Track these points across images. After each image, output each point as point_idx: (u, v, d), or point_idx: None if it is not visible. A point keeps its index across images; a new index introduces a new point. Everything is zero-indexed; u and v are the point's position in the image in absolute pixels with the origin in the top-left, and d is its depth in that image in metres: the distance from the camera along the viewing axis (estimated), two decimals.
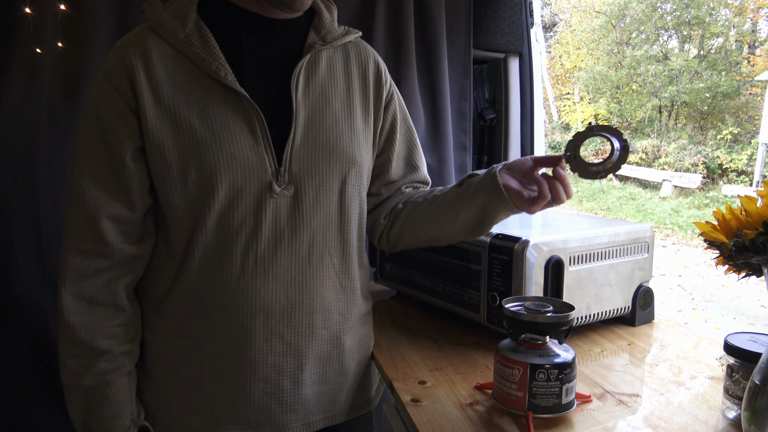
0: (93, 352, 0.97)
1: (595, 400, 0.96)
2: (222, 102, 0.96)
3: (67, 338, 0.98)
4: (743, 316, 5.36)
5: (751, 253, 0.69)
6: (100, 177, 0.95)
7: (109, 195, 0.95)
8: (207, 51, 0.96)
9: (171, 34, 0.96)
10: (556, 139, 13.74)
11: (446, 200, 1.07)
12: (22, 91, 1.40)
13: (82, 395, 0.98)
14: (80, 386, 0.98)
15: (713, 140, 11.97)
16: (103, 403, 0.98)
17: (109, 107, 0.95)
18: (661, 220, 9.26)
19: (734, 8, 13.03)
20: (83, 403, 0.98)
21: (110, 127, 0.95)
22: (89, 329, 0.97)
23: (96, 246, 0.96)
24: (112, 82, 0.95)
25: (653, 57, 13.30)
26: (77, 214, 0.96)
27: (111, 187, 0.95)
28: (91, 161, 0.96)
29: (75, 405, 0.99)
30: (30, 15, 1.38)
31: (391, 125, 1.16)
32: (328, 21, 1.08)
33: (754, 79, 11.99)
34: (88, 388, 0.97)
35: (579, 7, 15.88)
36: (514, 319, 0.92)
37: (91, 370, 0.97)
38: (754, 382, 0.72)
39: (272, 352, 1.00)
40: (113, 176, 0.95)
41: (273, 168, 0.98)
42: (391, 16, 1.83)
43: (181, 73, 0.96)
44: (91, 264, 0.96)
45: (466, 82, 1.99)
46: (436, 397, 0.98)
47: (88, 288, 0.97)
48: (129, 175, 0.95)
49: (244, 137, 0.96)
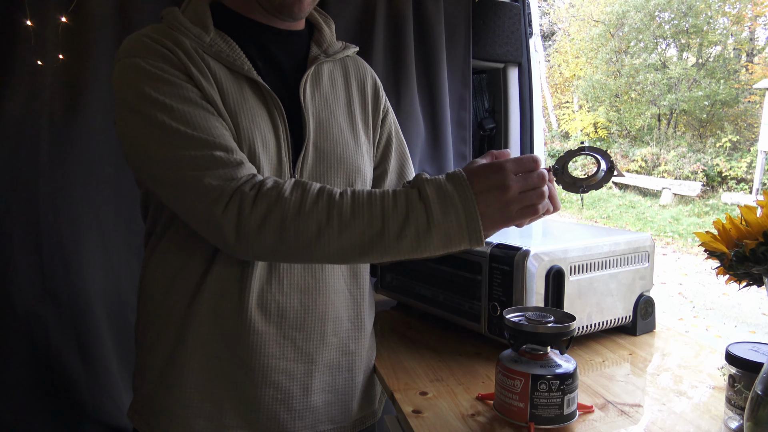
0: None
1: (597, 410, 0.95)
2: (253, 98, 0.97)
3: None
4: (744, 324, 5.35)
5: (751, 263, 0.69)
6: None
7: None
8: (234, 53, 0.97)
9: (197, 37, 0.96)
10: (556, 148, 13.76)
11: None
12: (24, 102, 1.41)
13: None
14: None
15: (712, 148, 11.99)
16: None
17: (160, 70, 0.90)
18: (661, 228, 9.26)
19: (732, 17, 13.10)
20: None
21: (171, 77, 0.90)
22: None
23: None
24: (153, 55, 0.91)
25: (652, 65, 13.35)
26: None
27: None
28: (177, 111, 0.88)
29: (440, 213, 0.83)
30: (31, 27, 1.39)
31: (387, 139, 1.18)
32: (328, 35, 1.11)
33: (752, 87, 12.02)
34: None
35: (577, 17, 15.96)
36: (515, 329, 0.92)
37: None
38: (757, 392, 0.72)
39: (284, 357, 1.00)
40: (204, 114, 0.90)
41: (288, 174, 0.99)
42: (391, 27, 1.84)
43: (213, 71, 0.95)
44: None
45: (466, 92, 2.00)
46: (438, 408, 0.98)
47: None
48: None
49: (271, 138, 0.97)
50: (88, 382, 1.51)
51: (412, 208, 0.82)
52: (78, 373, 1.50)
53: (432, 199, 0.82)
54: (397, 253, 0.84)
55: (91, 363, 1.52)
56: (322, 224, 0.83)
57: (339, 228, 0.83)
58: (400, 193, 0.84)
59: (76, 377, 1.49)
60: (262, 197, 0.83)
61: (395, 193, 0.84)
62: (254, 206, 0.83)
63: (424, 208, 0.82)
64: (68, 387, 1.49)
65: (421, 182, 0.84)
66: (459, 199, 0.81)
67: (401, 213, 0.82)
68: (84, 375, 1.51)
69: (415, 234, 0.82)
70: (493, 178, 0.82)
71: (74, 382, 1.49)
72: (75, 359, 1.49)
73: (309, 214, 0.83)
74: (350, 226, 0.83)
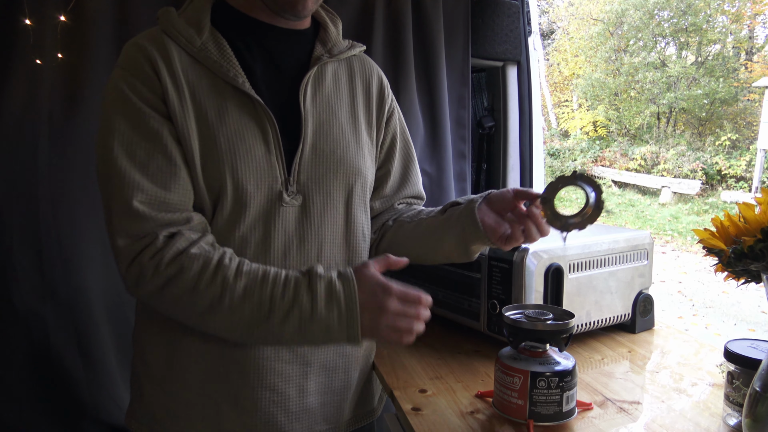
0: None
1: (596, 407, 0.96)
2: (237, 108, 0.96)
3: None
4: (744, 322, 5.35)
5: (749, 260, 0.69)
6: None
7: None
8: (223, 58, 0.97)
9: (188, 41, 0.96)
10: (555, 146, 13.76)
11: (430, 226, 1.06)
12: (23, 101, 1.40)
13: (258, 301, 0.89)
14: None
15: (712, 146, 11.99)
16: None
17: (140, 97, 0.92)
18: (660, 227, 9.26)
19: (731, 15, 13.09)
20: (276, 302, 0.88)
21: (148, 112, 0.92)
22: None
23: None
24: (136, 74, 0.93)
25: (651, 64, 13.34)
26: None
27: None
28: (129, 145, 0.92)
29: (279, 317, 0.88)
30: (30, 26, 1.39)
31: (391, 140, 1.17)
32: (333, 34, 1.10)
33: (751, 86, 12.02)
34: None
35: (576, 15, 15.95)
36: (514, 327, 0.92)
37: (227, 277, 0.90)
38: (755, 389, 0.72)
39: (279, 359, 1.00)
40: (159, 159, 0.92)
41: (283, 177, 0.98)
42: (390, 26, 1.84)
43: (198, 78, 0.96)
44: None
45: (465, 90, 2.00)
46: (437, 406, 0.98)
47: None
48: (181, 157, 0.93)
49: (258, 144, 0.96)
50: (87, 382, 1.51)
51: (298, 298, 0.87)
52: (78, 373, 1.50)
53: (319, 294, 0.87)
54: (281, 336, 0.89)
55: (90, 362, 1.52)
56: (215, 302, 0.88)
57: (230, 307, 0.88)
58: (290, 280, 0.88)
59: (76, 376, 1.49)
60: (161, 270, 0.88)
61: (286, 280, 0.89)
62: (152, 277, 0.88)
63: (310, 300, 0.87)
64: (68, 386, 1.49)
65: (313, 275, 0.89)
66: (344, 300, 0.87)
67: (288, 300, 0.87)
68: (84, 374, 1.50)
69: (298, 321, 0.87)
70: (378, 295, 0.88)
71: (74, 381, 1.49)
72: (75, 358, 1.49)
73: (203, 293, 0.88)
74: (239, 308, 0.88)
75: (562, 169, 12.97)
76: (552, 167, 13.05)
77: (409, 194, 1.21)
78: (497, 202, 0.98)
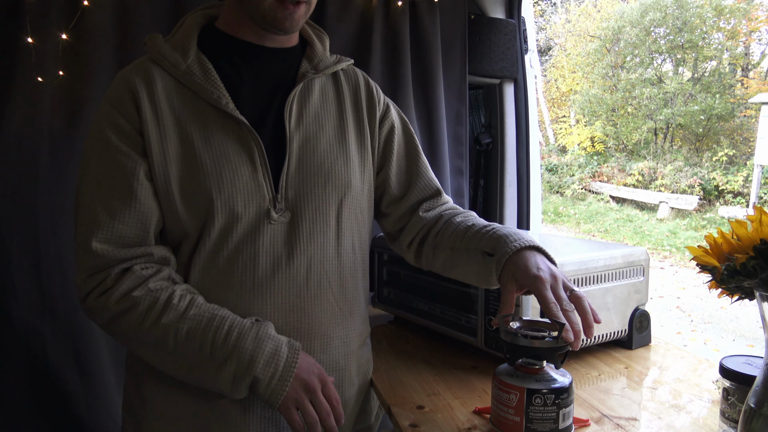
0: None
1: (592, 424, 0.96)
2: (222, 130, 0.98)
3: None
4: (742, 337, 5.34)
5: (742, 276, 0.70)
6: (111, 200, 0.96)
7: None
8: (208, 80, 0.98)
9: (173, 65, 0.99)
10: (553, 162, 13.80)
11: (474, 258, 1.05)
12: (24, 119, 1.42)
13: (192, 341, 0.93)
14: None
15: (709, 162, 12.02)
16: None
17: (116, 131, 0.96)
18: (658, 242, 9.26)
19: (727, 32, 13.19)
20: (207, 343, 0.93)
21: (119, 147, 0.96)
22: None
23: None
24: (118, 107, 0.97)
25: (648, 80, 13.42)
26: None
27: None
28: (102, 185, 0.96)
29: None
30: (32, 45, 1.41)
31: (387, 139, 1.16)
32: (320, 51, 1.11)
33: (748, 102, 12.08)
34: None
35: (573, 32, 16.07)
36: (511, 344, 0.92)
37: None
38: (750, 405, 0.73)
39: None
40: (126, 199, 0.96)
41: (271, 195, 0.99)
42: (388, 44, 1.86)
43: (183, 102, 0.98)
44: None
45: (462, 107, 2.02)
46: (435, 422, 0.98)
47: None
48: (144, 191, 0.96)
49: (244, 164, 0.98)
50: (85, 397, 1.50)
51: (240, 347, 0.91)
52: (75, 388, 1.49)
53: (263, 350, 0.92)
54: (217, 381, 0.92)
55: (88, 377, 1.52)
56: (159, 340, 0.93)
57: (174, 346, 0.92)
58: (234, 329, 0.92)
59: (74, 392, 1.49)
60: (109, 307, 0.93)
61: (230, 328, 0.93)
62: (101, 313, 0.94)
63: (251, 351, 0.91)
64: (65, 401, 1.48)
65: (264, 334, 0.93)
66: (283, 366, 0.92)
67: (228, 348, 0.91)
68: (81, 389, 1.50)
69: (234, 370, 0.91)
70: (313, 379, 0.94)
71: (71, 397, 1.49)
72: (72, 373, 1.49)
73: (147, 332, 0.93)
74: (181, 349, 0.92)
75: (560, 184, 13.01)
76: (550, 182, 13.08)
77: (422, 189, 1.17)
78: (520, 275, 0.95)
